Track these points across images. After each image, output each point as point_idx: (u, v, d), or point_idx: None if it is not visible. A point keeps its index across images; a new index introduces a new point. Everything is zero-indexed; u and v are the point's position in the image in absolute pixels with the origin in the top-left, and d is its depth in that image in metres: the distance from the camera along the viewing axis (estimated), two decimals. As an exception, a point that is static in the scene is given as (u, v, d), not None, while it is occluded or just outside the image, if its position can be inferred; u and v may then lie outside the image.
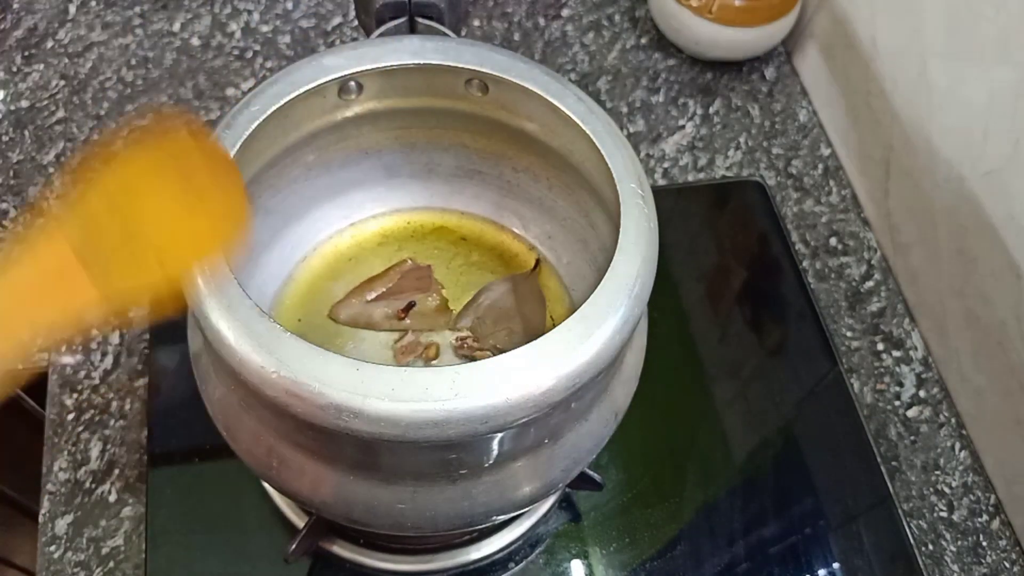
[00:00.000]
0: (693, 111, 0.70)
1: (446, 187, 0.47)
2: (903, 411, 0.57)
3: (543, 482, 0.36)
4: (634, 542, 0.50)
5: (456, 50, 0.38)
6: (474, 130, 0.43)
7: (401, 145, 0.45)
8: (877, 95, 0.63)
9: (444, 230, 0.48)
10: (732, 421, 0.55)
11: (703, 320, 0.59)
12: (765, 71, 0.73)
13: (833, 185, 0.67)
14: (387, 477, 0.34)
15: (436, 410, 0.28)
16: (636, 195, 0.34)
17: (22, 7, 0.70)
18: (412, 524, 0.35)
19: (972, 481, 0.55)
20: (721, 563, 0.50)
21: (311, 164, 0.42)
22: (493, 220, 0.48)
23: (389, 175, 0.46)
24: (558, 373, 0.30)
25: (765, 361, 0.58)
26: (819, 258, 0.64)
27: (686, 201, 0.65)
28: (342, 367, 0.29)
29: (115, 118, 0.65)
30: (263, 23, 0.71)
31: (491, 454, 0.33)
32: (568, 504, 0.51)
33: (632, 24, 0.74)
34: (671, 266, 0.61)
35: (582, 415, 0.36)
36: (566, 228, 0.46)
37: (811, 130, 0.70)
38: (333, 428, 0.29)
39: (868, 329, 0.61)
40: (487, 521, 0.40)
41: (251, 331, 0.29)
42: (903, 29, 0.60)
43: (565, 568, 0.50)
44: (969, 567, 0.52)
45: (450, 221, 0.48)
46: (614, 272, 0.32)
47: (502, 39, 0.72)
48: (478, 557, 0.49)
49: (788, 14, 0.68)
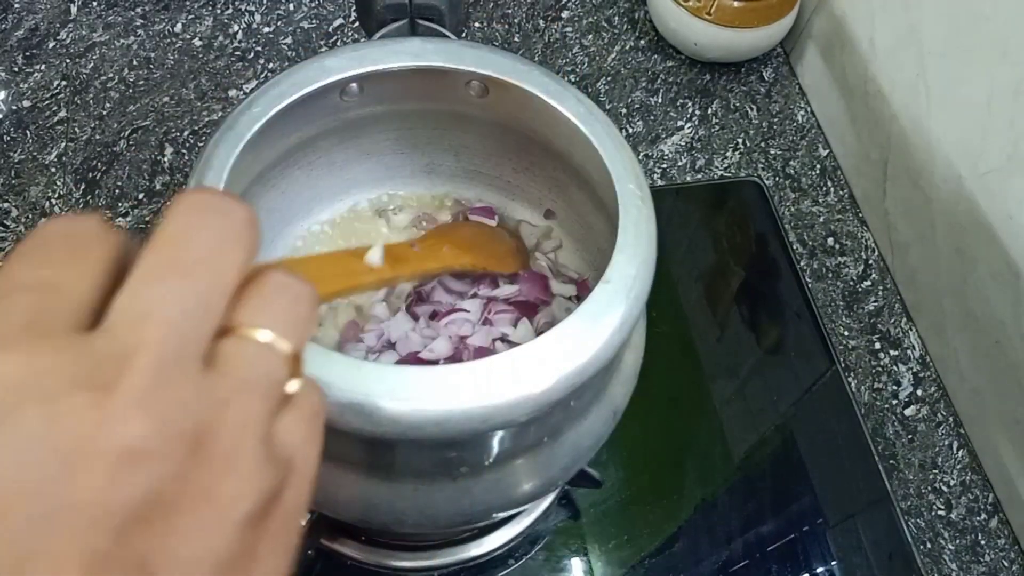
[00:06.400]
0: (692, 112, 0.70)
1: (447, 188, 0.47)
2: (900, 410, 0.58)
3: (543, 480, 0.36)
4: (633, 539, 0.51)
5: (457, 52, 0.38)
6: (474, 131, 0.43)
7: (402, 146, 0.45)
8: (875, 95, 0.63)
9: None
10: (730, 420, 0.55)
11: (701, 319, 0.60)
12: (763, 72, 0.73)
13: (831, 185, 0.67)
14: (388, 475, 0.34)
15: (437, 409, 0.29)
16: (635, 196, 0.34)
17: (23, 7, 0.71)
18: (413, 522, 0.35)
19: (970, 480, 0.55)
20: (719, 561, 0.50)
21: (313, 165, 0.43)
22: (493, 220, 0.48)
23: (390, 176, 0.47)
24: (558, 372, 0.30)
25: (763, 360, 0.58)
26: (816, 258, 0.64)
27: (684, 201, 0.65)
28: (344, 366, 0.29)
29: (117, 118, 0.65)
30: (265, 24, 0.72)
31: (491, 452, 0.33)
32: (568, 501, 0.52)
33: (631, 26, 0.75)
34: (670, 266, 0.61)
35: (581, 414, 0.36)
36: (565, 228, 0.46)
37: (809, 130, 0.70)
38: (335, 427, 0.29)
39: (865, 328, 0.61)
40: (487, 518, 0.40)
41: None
42: (901, 30, 0.60)
43: (564, 565, 0.50)
44: (967, 565, 0.53)
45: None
46: (613, 272, 0.32)
47: (502, 41, 0.72)
48: (478, 554, 0.49)
49: (786, 15, 0.69)
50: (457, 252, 0.42)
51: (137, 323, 0.17)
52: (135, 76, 0.68)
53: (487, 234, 0.45)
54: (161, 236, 0.18)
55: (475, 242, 0.43)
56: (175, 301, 0.17)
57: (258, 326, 0.19)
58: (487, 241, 0.44)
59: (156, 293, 0.17)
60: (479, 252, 0.43)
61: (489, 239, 0.44)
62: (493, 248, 0.44)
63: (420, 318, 0.43)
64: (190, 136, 0.65)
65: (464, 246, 0.42)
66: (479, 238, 0.44)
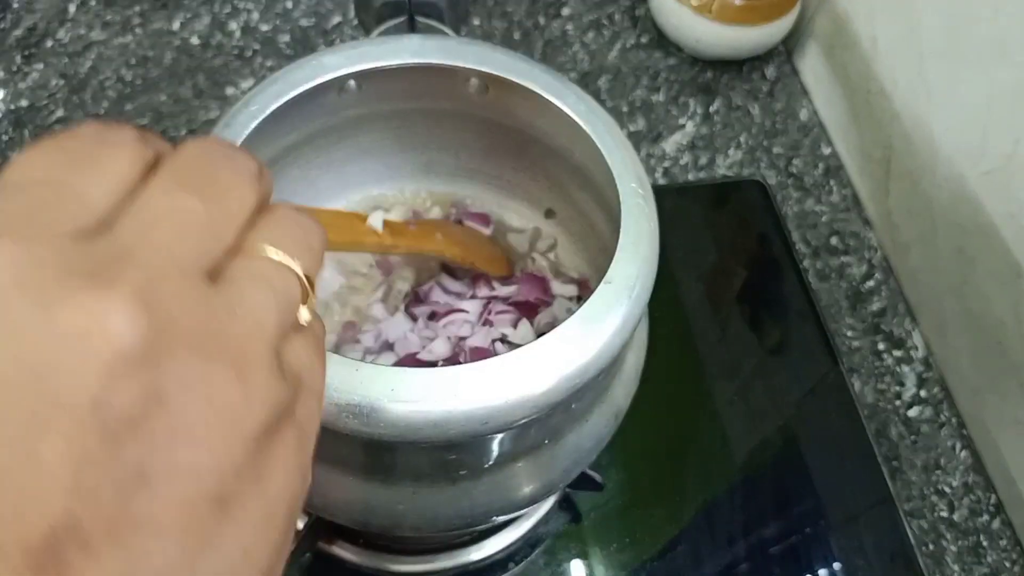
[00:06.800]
0: (693, 110, 0.70)
1: (446, 186, 0.47)
2: (904, 411, 0.57)
3: (543, 482, 0.36)
4: (634, 542, 0.50)
5: (456, 49, 0.38)
6: (474, 130, 0.43)
7: (401, 144, 0.45)
8: (877, 94, 0.63)
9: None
10: (733, 421, 0.55)
11: (704, 320, 0.59)
12: (765, 70, 0.73)
13: (834, 184, 0.67)
14: (386, 477, 0.34)
15: (436, 411, 0.28)
16: (636, 195, 0.34)
17: (22, 6, 0.70)
18: (412, 524, 0.35)
19: (973, 481, 0.55)
20: (721, 563, 0.50)
21: (311, 163, 0.42)
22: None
23: (389, 174, 0.46)
24: (558, 373, 0.29)
25: (766, 361, 0.58)
26: (820, 257, 0.64)
27: (687, 200, 0.65)
28: (342, 367, 0.29)
29: (114, 117, 0.65)
30: (263, 22, 0.71)
31: (491, 454, 0.33)
32: (568, 504, 0.51)
33: (632, 23, 0.74)
34: (671, 266, 0.61)
35: (582, 415, 0.36)
36: (566, 228, 0.46)
37: (812, 129, 0.70)
38: (333, 429, 0.29)
39: (869, 329, 0.60)
40: (487, 522, 0.40)
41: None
42: (903, 29, 0.59)
43: (565, 568, 0.50)
44: (970, 567, 0.52)
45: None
46: (614, 272, 0.32)
47: (502, 38, 0.72)
48: (478, 558, 0.48)
49: (788, 13, 0.68)
50: (449, 243, 0.42)
51: (145, 228, 0.16)
52: (132, 75, 0.67)
53: (478, 236, 0.45)
54: (178, 158, 0.17)
55: (466, 239, 0.44)
56: (187, 213, 0.16)
57: (271, 245, 0.18)
58: (477, 242, 0.44)
59: (168, 203, 0.16)
60: (468, 249, 0.43)
61: (479, 240, 0.45)
62: (482, 249, 0.44)
63: (419, 319, 0.43)
64: (188, 134, 0.65)
65: (455, 240, 0.43)
66: (470, 237, 0.44)
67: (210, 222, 0.17)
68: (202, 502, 0.15)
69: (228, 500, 0.15)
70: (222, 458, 0.15)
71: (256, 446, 0.16)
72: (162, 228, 0.16)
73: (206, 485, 0.15)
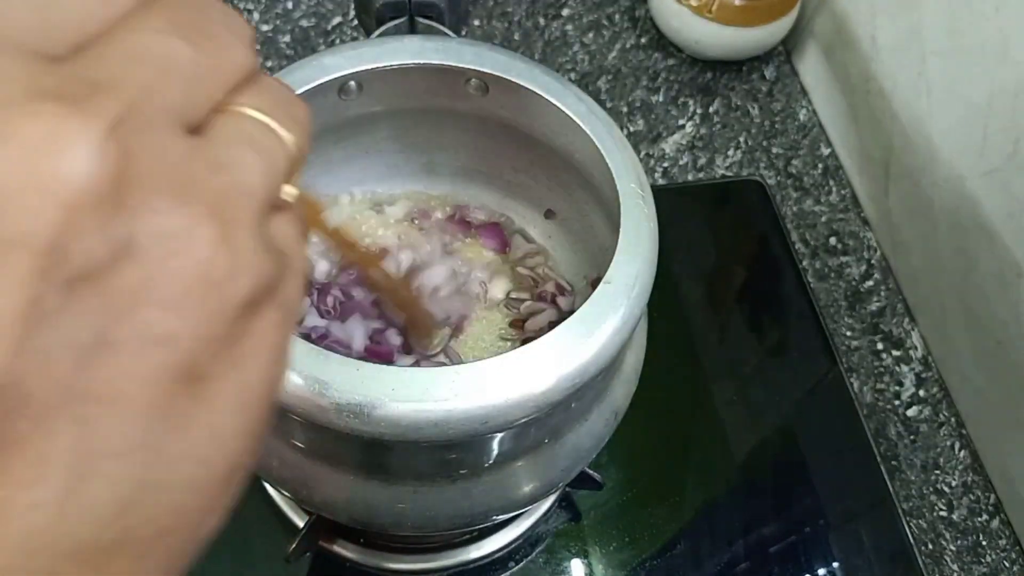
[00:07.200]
0: (693, 111, 0.70)
1: (446, 187, 0.47)
2: (903, 410, 0.57)
3: (543, 482, 0.36)
4: (634, 541, 0.50)
5: (456, 50, 0.38)
6: (474, 130, 0.43)
7: (401, 145, 0.45)
8: (877, 94, 0.63)
9: (444, 230, 0.48)
10: (732, 420, 0.55)
11: (703, 320, 0.59)
12: (765, 71, 0.73)
13: (833, 184, 0.67)
14: (387, 477, 0.34)
15: (436, 410, 0.28)
16: (636, 195, 0.34)
17: (22, 6, 0.70)
18: (412, 523, 0.35)
19: (972, 480, 0.55)
20: (721, 562, 0.50)
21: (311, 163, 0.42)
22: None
23: (389, 174, 0.46)
24: (558, 373, 0.30)
25: (765, 361, 0.58)
26: (819, 257, 0.64)
27: (686, 201, 0.65)
28: (342, 367, 0.29)
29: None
30: (263, 22, 0.71)
31: (491, 454, 0.33)
32: (568, 503, 0.51)
33: (632, 23, 0.74)
34: (671, 266, 0.61)
35: (582, 415, 0.36)
36: (566, 228, 0.46)
37: (811, 129, 0.70)
38: (333, 428, 0.29)
39: (868, 329, 0.61)
40: (487, 520, 0.40)
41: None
42: (903, 28, 0.60)
43: (565, 567, 0.50)
44: (969, 566, 0.52)
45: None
46: (614, 272, 0.32)
47: (502, 39, 0.72)
48: (478, 556, 0.49)
49: (788, 14, 0.68)
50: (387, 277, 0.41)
51: (129, 62, 0.13)
52: (133, 75, 0.67)
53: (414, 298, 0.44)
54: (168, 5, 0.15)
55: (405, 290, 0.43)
56: (177, 58, 0.14)
57: (258, 109, 0.16)
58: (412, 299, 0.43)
59: (158, 42, 0.14)
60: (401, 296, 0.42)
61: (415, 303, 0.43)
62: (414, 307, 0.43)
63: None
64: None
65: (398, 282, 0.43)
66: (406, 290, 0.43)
67: (199, 73, 0.15)
68: (171, 377, 0.13)
69: (201, 378, 0.14)
70: (198, 328, 0.13)
71: (236, 321, 0.14)
72: (147, 66, 0.14)
73: (177, 357, 0.13)
